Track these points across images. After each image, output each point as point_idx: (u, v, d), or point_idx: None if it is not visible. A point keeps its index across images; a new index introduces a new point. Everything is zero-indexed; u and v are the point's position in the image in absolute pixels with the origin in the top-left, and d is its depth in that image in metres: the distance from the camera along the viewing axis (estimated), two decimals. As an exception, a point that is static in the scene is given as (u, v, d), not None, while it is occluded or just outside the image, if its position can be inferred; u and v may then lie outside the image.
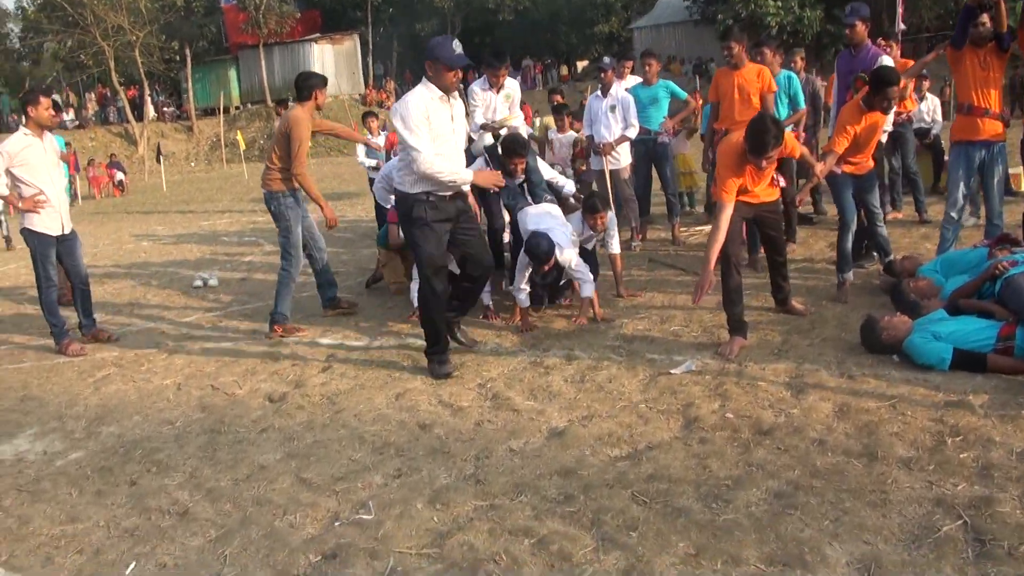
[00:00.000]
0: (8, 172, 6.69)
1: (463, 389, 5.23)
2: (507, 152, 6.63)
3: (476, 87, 7.60)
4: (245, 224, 15.29)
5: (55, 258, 6.96)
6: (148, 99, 38.27)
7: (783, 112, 7.95)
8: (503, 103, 7.53)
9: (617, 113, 9.06)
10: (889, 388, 4.59)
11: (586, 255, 6.84)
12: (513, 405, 4.86)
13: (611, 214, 6.85)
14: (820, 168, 6.00)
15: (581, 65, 46.56)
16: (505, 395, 5.04)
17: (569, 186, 7.33)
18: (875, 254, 6.93)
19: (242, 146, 29.39)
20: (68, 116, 36.12)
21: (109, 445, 4.93)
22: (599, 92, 9.27)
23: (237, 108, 41.08)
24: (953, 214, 6.50)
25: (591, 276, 6.39)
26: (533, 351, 5.86)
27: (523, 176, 6.77)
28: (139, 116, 37.09)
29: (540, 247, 6.03)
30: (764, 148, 5.15)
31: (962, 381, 4.58)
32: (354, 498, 3.92)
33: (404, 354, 6.08)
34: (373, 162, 11.74)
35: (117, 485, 4.38)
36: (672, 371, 5.17)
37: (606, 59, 9.75)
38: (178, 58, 38.50)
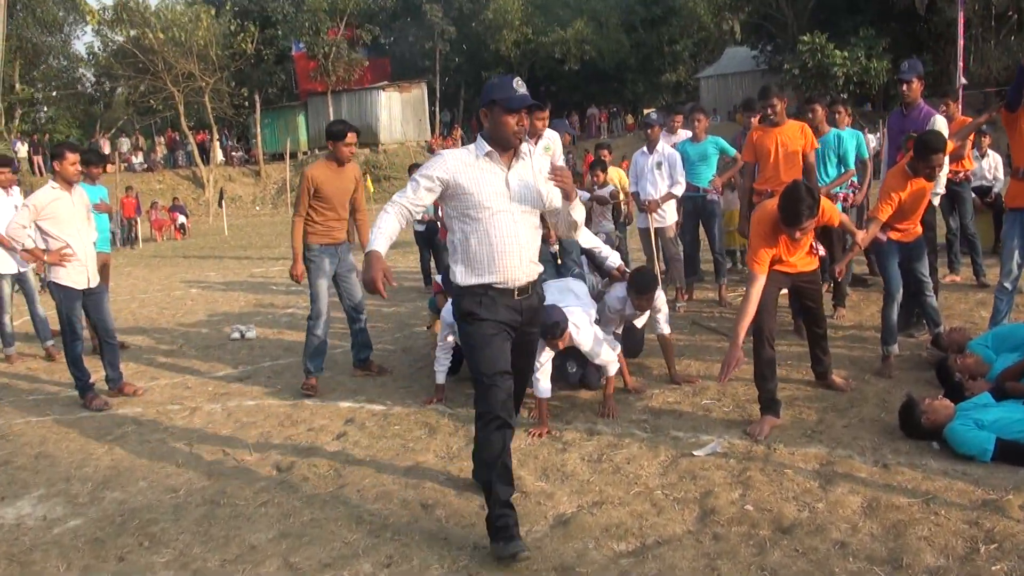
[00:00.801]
0: (36, 225, 6.69)
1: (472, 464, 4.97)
2: None
3: None
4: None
5: (81, 311, 6.92)
6: (216, 143, 39.07)
7: (832, 172, 7.61)
8: (540, 156, 7.02)
9: (664, 170, 8.82)
10: (924, 481, 4.23)
11: (631, 330, 6.57)
12: (523, 486, 4.59)
13: (660, 293, 6.21)
14: (861, 237, 5.68)
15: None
16: (516, 474, 4.72)
17: (614, 257, 6.77)
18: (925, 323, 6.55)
19: (305, 191, 29.70)
20: (137, 159, 37.04)
21: (109, 513, 4.77)
22: (645, 148, 9.03)
23: (304, 153, 41.76)
24: (1007, 284, 6.09)
25: (613, 356, 5.71)
26: (554, 423, 5.59)
27: (556, 244, 6.40)
28: (207, 160, 37.84)
29: (549, 318, 5.25)
30: (798, 219, 4.86)
31: (1004, 476, 4.20)
32: (338, 589, 3.69)
33: (421, 422, 5.86)
34: (419, 215, 11.63)
35: (105, 560, 4.21)
36: (695, 452, 4.86)
37: (652, 115, 9.57)
38: (247, 104, 39.33)
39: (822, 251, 5.48)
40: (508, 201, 3.92)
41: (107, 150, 36.53)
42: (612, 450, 5.03)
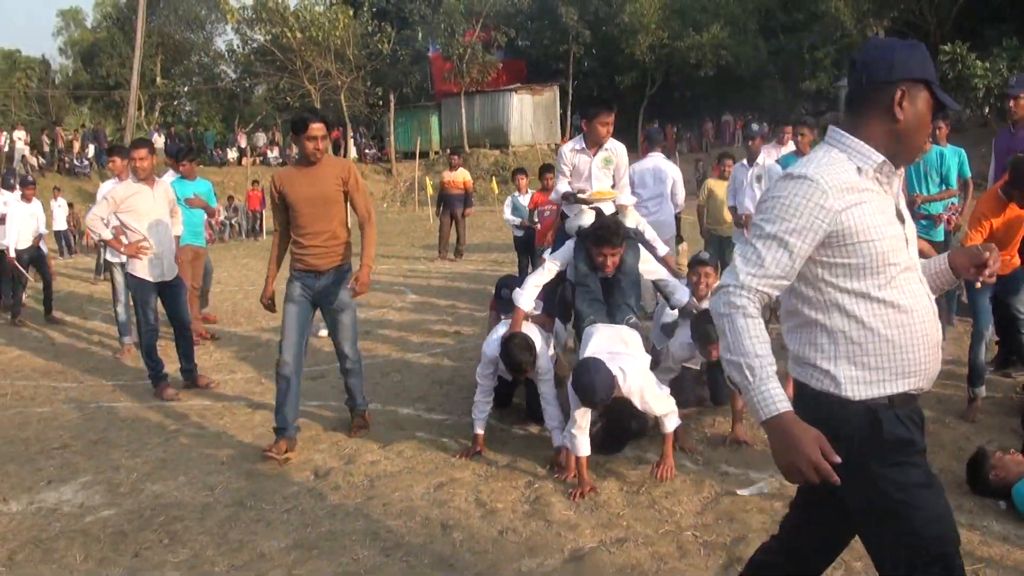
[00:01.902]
0: (117, 218, 6.85)
1: (508, 487, 4.78)
2: (594, 239, 5.24)
3: (566, 148, 6.18)
4: (406, 271, 15.37)
5: (156, 303, 7.02)
6: (351, 141, 39.93)
7: (933, 191, 7.06)
8: (600, 169, 6.04)
9: (763, 184, 8.41)
10: (980, 546, 3.77)
11: (716, 377, 5.82)
12: (548, 514, 4.36)
13: None
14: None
15: (786, 122, 44.91)
16: (547, 500, 4.55)
17: (681, 293, 5.58)
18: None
19: (429, 191, 30.01)
20: (272, 153, 38.23)
21: (143, 506, 4.81)
22: (745, 161, 8.64)
23: (436, 153, 42.21)
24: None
25: (671, 406, 4.76)
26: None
27: (612, 273, 5.33)
28: (341, 157, 38.70)
29: (588, 384, 4.45)
30: None
31: (1074, 549, 3.71)
32: (329, 610, 3.56)
33: (472, 436, 5.65)
34: (517, 220, 11.53)
35: (122, 555, 4.22)
36: (740, 491, 4.52)
37: (754, 126, 9.15)
38: (382, 103, 40.02)
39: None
40: (907, 248, 2.35)
41: (243, 144, 37.93)
42: (654, 482, 4.72)
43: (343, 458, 5.42)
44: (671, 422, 4.73)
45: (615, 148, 6.10)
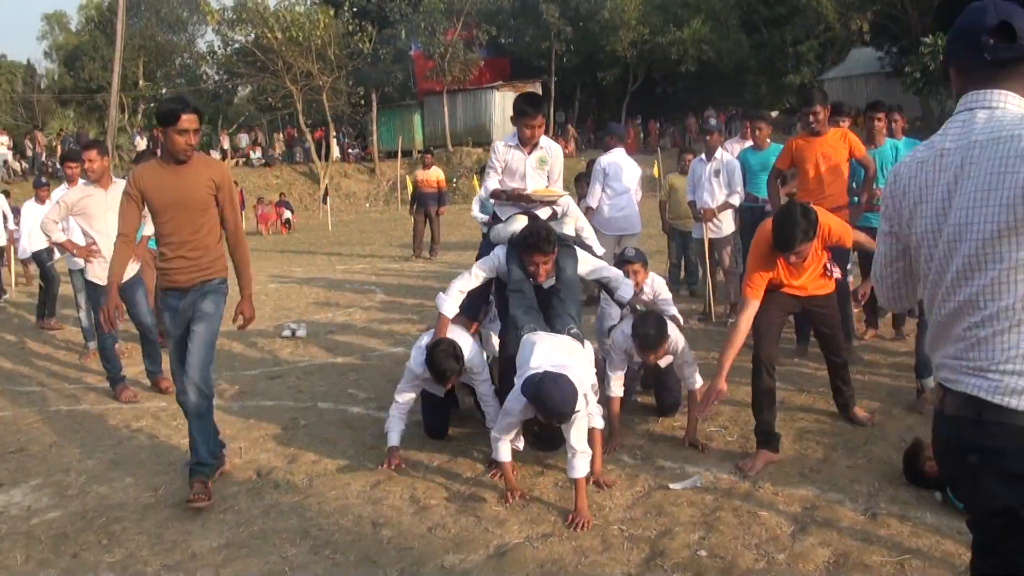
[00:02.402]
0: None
1: (446, 481, 4.84)
2: (524, 247, 4.97)
3: (499, 144, 5.76)
4: (379, 270, 15.39)
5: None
6: (333, 140, 39.86)
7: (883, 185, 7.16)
8: (535, 169, 5.63)
9: (721, 178, 8.47)
10: (911, 537, 3.82)
11: (666, 386, 5.75)
12: (479, 510, 4.41)
13: (677, 340, 5.31)
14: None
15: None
16: (480, 496, 4.60)
17: (625, 288, 5.43)
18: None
19: (410, 189, 30.03)
20: (255, 154, 38.21)
21: (88, 507, 4.84)
22: (703, 156, 8.70)
23: (419, 152, 42.15)
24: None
25: (588, 449, 4.36)
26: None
27: (551, 281, 5.13)
28: (323, 157, 38.63)
29: (560, 401, 4.11)
30: (790, 244, 4.51)
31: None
32: (251, 608, 3.59)
33: (418, 435, 5.68)
34: (485, 217, 11.52)
35: (61, 556, 4.26)
36: (673, 485, 4.56)
37: (712, 121, 9.19)
38: (364, 102, 39.96)
39: (838, 273, 5.08)
40: None
41: (226, 145, 37.89)
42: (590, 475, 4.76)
43: (287, 457, 5.46)
44: (581, 465, 4.27)
45: (550, 148, 5.70)
